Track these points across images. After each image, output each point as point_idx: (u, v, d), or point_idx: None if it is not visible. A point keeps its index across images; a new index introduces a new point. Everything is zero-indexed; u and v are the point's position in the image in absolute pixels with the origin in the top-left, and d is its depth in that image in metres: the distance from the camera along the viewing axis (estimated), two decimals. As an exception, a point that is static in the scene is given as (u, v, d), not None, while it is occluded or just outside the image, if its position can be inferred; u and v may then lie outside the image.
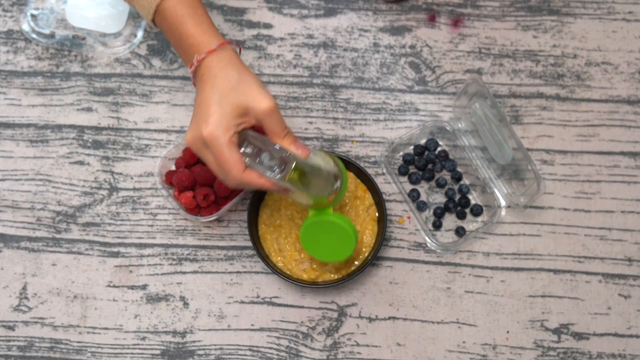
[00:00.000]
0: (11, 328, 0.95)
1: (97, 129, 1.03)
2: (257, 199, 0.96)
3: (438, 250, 0.98)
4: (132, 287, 0.97)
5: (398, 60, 1.06)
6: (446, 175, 1.02)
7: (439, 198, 1.01)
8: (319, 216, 0.86)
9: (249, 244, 0.98)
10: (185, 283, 0.97)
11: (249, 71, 0.79)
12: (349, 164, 0.97)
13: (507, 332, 0.96)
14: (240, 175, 0.76)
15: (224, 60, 0.79)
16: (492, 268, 0.98)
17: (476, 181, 1.00)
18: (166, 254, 0.98)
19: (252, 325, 0.96)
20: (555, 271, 0.98)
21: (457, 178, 1.00)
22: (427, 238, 0.98)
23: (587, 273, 0.98)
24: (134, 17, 1.07)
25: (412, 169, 1.01)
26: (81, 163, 1.01)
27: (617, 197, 1.01)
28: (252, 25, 1.07)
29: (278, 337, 0.95)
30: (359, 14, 1.08)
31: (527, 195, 0.94)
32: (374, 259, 0.95)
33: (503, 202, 0.99)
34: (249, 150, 0.78)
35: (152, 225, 0.99)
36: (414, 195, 1.00)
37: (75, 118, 1.03)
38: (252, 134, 0.79)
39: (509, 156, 0.94)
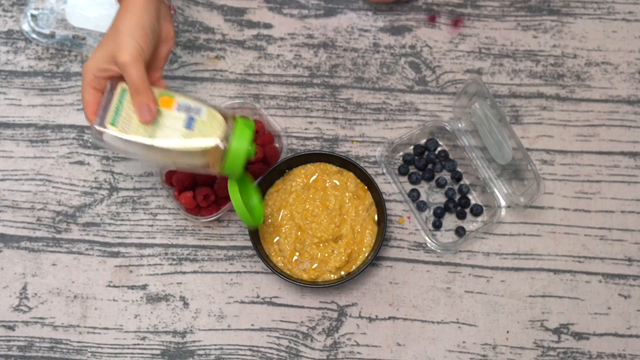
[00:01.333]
0: (11, 328, 0.95)
1: (97, 129, 1.03)
2: (257, 199, 0.96)
3: (438, 250, 0.98)
4: (132, 287, 0.97)
5: (398, 60, 1.06)
6: (446, 175, 1.02)
7: (439, 198, 1.01)
8: (231, 186, 0.86)
9: (249, 244, 0.98)
10: (185, 283, 0.97)
11: (144, 18, 0.82)
12: (349, 164, 0.97)
13: (507, 332, 0.96)
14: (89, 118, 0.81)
15: (145, 4, 0.82)
16: (492, 268, 0.98)
17: (476, 181, 1.00)
18: (166, 254, 0.98)
19: (252, 325, 0.96)
20: (555, 271, 0.98)
21: (457, 178, 1.01)
22: (427, 238, 0.98)
23: (587, 273, 0.98)
24: (134, 17, 1.07)
25: (412, 169, 1.01)
26: (81, 163, 1.01)
27: (617, 197, 1.01)
28: (252, 25, 1.08)
29: (278, 337, 0.96)
30: (359, 14, 1.08)
31: (527, 195, 0.94)
32: (374, 259, 0.95)
33: (503, 202, 0.99)
34: (103, 101, 0.81)
35: (152, 225, 0.99)
36: (414, 195, 1.00)
37: (75, 118, 1.03)
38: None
39: (509, 156, 0.94)
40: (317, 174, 0.97)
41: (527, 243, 0.99)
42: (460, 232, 0.98)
